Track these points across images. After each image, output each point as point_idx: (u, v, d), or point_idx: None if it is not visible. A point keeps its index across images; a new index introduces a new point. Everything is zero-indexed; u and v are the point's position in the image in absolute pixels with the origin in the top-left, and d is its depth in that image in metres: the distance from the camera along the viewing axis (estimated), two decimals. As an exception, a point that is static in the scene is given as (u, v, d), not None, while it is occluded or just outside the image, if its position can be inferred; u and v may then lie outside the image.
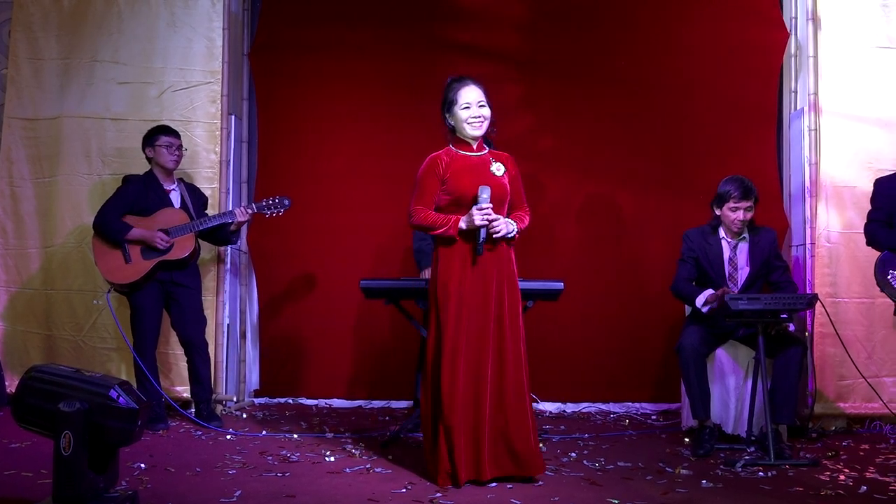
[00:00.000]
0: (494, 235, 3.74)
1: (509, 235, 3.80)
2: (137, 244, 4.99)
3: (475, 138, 3.88)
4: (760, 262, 4.73)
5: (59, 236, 5.66)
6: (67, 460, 2.85)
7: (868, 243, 4.72)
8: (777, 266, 4.77)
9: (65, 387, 2.94)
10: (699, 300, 4.63)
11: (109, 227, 5.00)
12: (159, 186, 5.15)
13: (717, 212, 4.75)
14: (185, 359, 5.20)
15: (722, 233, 4.78)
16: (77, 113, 5.68)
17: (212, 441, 4.68)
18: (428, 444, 3.81)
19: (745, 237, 4.77)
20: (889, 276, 4.53)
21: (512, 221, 3.82)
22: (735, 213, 4.66)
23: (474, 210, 3.71)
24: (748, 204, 4.65)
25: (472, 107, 3.83)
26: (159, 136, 5.14)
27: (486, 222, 3.70)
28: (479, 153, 3.91)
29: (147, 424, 3.55)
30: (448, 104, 3.89)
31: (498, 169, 3.87)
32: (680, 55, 5.94)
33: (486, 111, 3.86)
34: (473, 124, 3.85)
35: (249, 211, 5.18)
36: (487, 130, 3.91)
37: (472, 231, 3.73)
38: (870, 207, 4.76)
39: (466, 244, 3.76)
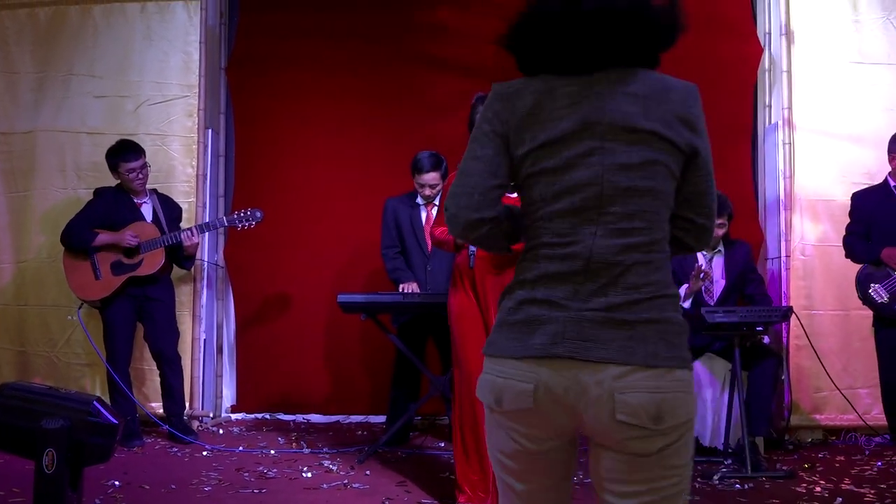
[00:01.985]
0: None
1: None
2: (107, 255, 4.94)
3: None
4: (735, 276, 4.77)
5: (32, 251, 5.60)
6: (51, 479, 2.80)
7: (847, 256, 4.82)
8: (752, 279, 4.82)
9: (41, 404, 2.90)
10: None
11: (76, 237, 4.95)
12: (130, 200, 5.09)
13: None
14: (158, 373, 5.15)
15: (697, 246, 4.81)
16: (52, 127, 5.63)
17: (187, 457, 4.64)
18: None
19: (720, 250, 4.81)
20: (870, 290, 4.61)
21: None
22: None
23: None
24: (720, 221, 4.63)
25: None
26: (119, 162, 5.02)
27: None
28: None
29: (121, 441, 3.52)
30: (473, 124, 3.83)
31: None
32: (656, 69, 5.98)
33: None
34: None
35: (198, 232, 5.06)
36: None
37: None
38: (845, 220, 4.87)
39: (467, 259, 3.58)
